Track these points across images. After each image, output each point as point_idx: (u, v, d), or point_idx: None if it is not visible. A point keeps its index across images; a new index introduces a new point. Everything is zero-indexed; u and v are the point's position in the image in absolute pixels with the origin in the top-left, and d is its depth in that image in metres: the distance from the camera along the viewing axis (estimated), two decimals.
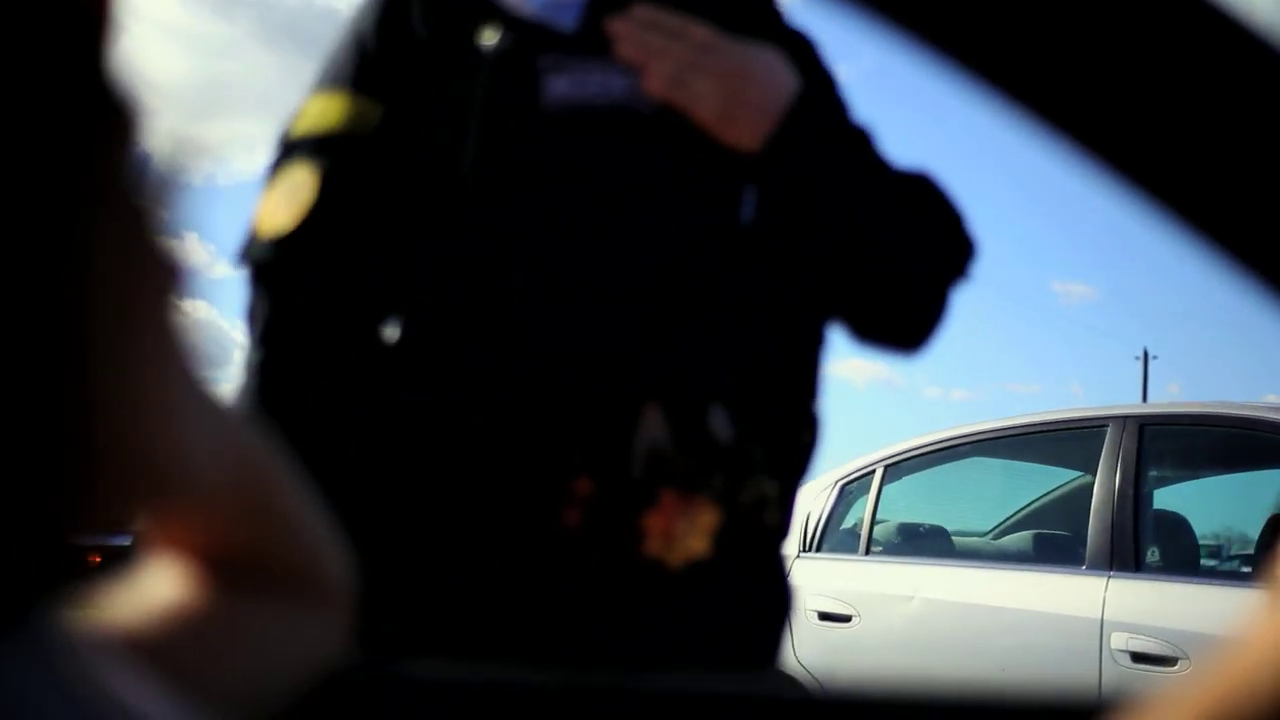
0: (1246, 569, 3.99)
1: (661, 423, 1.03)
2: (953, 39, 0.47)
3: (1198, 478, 4.41)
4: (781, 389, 1.13)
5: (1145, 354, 33.08)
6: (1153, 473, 3.85)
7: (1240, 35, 0.44)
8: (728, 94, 1.08)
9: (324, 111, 1.11)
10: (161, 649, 0.48)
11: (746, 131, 1.09)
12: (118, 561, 0.51)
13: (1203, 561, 3.93)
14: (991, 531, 4.77)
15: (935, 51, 0.47)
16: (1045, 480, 4.71)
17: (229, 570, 0.53)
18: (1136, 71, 0.46)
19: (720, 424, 1.05)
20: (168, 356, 0.38)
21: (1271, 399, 3.78)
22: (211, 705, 0.46)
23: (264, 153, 1.18)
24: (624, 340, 1.05)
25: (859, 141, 1.20)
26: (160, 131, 0.36)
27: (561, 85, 1.07)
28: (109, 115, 0.34)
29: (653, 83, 1.08)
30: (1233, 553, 4.75)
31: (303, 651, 0.56)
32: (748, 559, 1.09)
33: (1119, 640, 3.47)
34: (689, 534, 1.03)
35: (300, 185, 1.08)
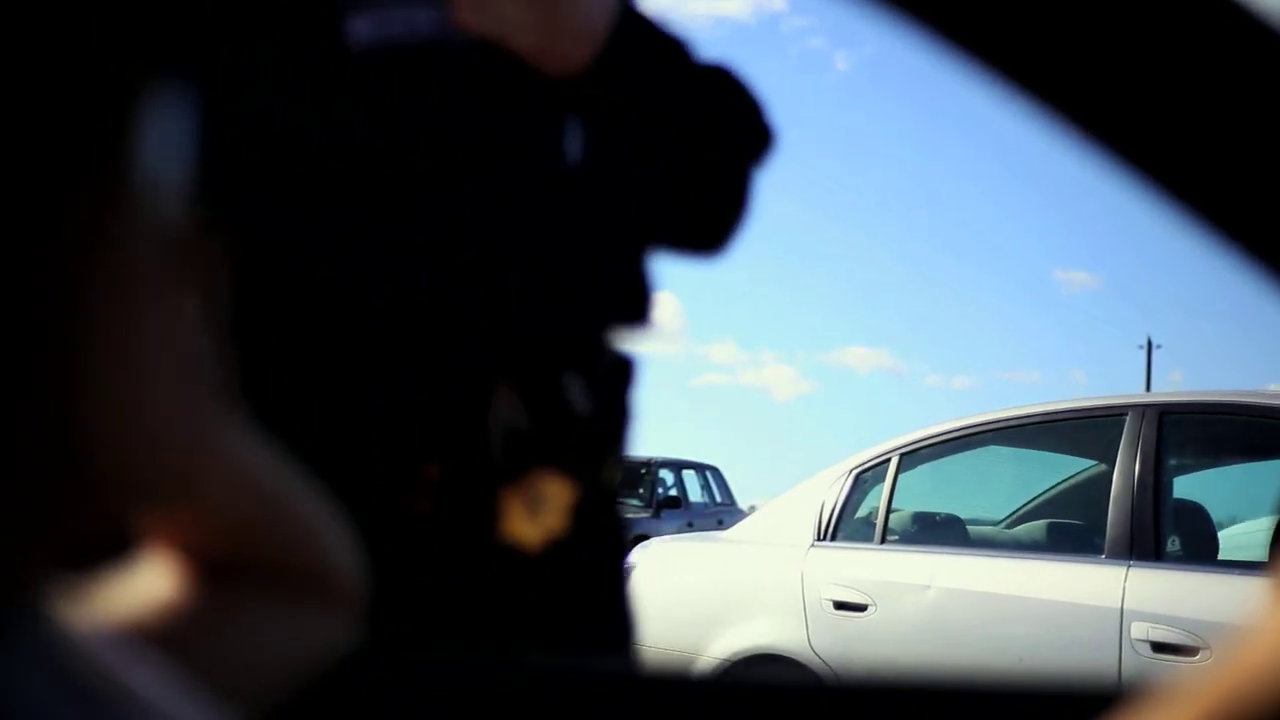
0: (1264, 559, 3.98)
1: (516, 401, 0.98)
2: (953, 23, 0.46)
3: (1217, 466, 4.39)
4: (621, 342, 1.07)
5: (1149, 343, 33.48)
6: (1172, 461, 3.84)
7: (1244, 20, 0.44)
8: (544, 19, 1.00)
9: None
10: (157, 640, 0.48)
11: (567, 59, 1.01)
12: (122, 552, 0.51)
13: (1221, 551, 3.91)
14: (1006, 520, 4.76)
15: (936, 37, 0.46)
16: (1059, 469, 4.70)
17: (228, 566, 0.53)
18: (1138, 54, 0.45)
19: (576, 394, 1.01)
20: (171, 355, 0.37)
21: (1273, 388, 3.77)
22: (210, 697, 0.46)
23: None
24: (466, 313, 0.98)
25: (680, 52, 1.12)
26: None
27: (363, 26, 0.98)
28: (121, 95, 0.33)
29: (462, 12, 0.99)
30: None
31: (306, 646, 0.56)
32: (599, 530, 1.05)
33: (1139, 630, 3.46)
34: (547, 511, 0.99)
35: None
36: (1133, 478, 3.69)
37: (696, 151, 1.09)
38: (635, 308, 1.07)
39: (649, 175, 1.08)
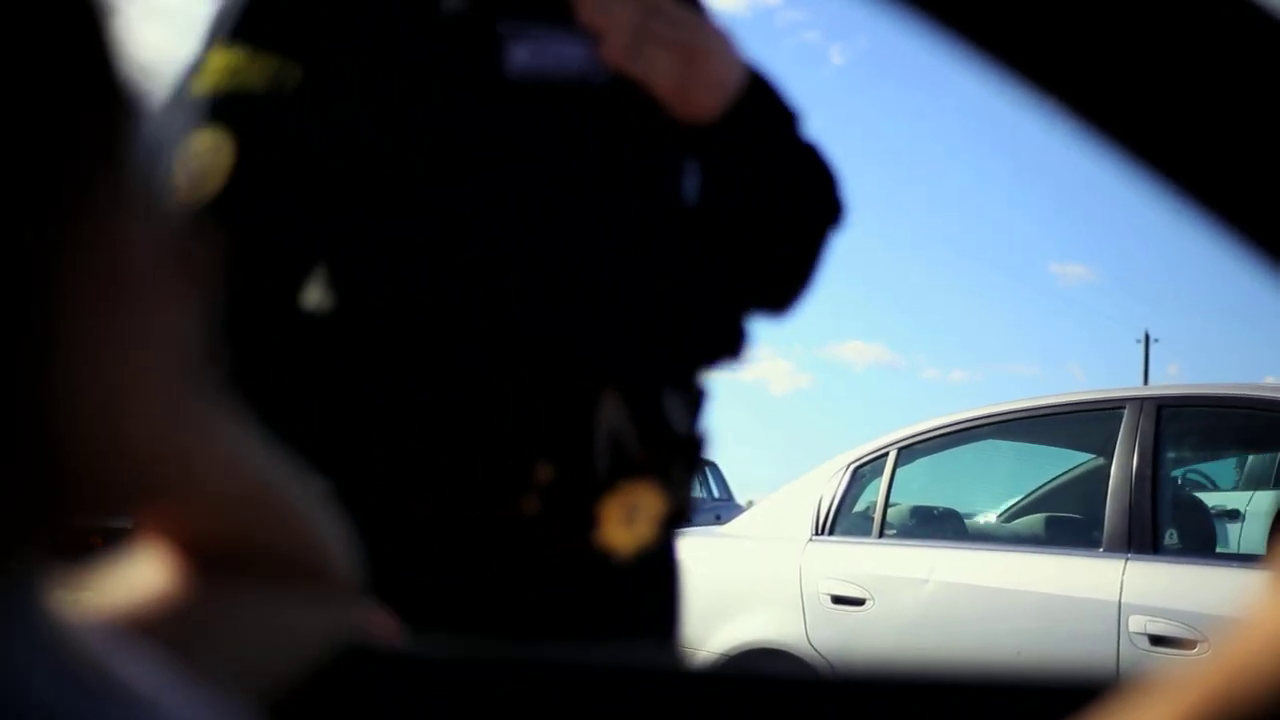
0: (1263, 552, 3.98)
1: (621, 409, 1.02)
2: (949, 9, 0.46)
3: (1215, 460, 4.39)
4: (712, 370, 1.14)
5: (1146, 336, 33.57)
6: (1170, 454, 3.83)
7: (1241, 3, 0.43)
8: (685, 67, 1.06)
9: (231, 68, 0.98)
10: (151, 632, 0.48)
11: (700, 107, 1.07)
12: (118, 543, 0.51)
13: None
14: (1004, 514, 4.76)
15: (932, 24, 0.46)
16: (1057, 463, 4.70)
17: (221, 557, 0.53)
18: (1135, 36, 0.45)
19: (675, 411, 1.06)
20: (162, 353, 0.37)
21: (1271, 381, 3.76)
22: (206, 688, 0.46)
23: None
24: (578, 324, 1.03)
25: (792, 122, 1.20)
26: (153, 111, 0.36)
27: (523, 54, 1.03)
28: (106, 98, 0.33)
29: (611, 51, 1.04)
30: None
31: (302, 636, 0.56)
32: (671, 543, 1.10)
33: (1137, 623, 3.46)
34: (641, 521, 1.03)
35: (218, 148, 0.96)
36: (1131, 471, 3.69)
37: (785, 215, 1.17)
38: (732, 345, 1.15)
39: (749, 228, 1.15)
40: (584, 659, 0.70)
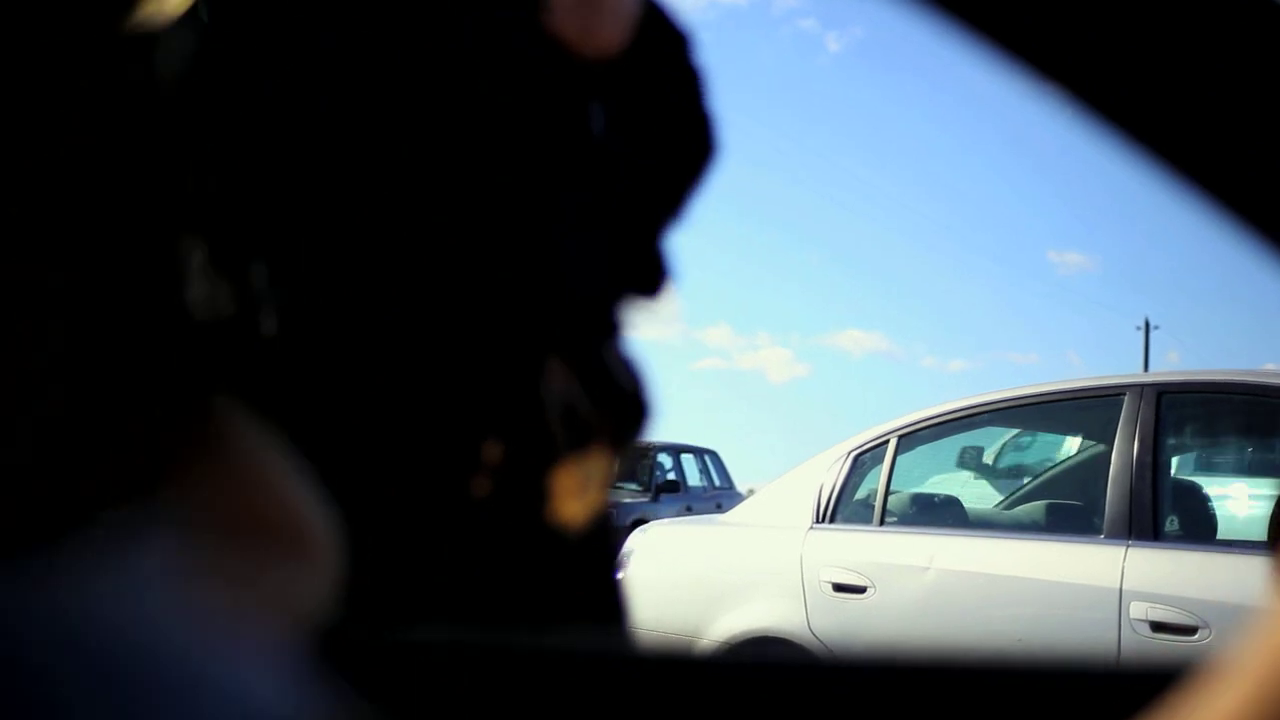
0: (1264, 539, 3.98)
1: (567, 374, 0.98)
2: None
3: (1215, 446, 4.39)
4: (637, 312, 1.08)
5: (1147, 324, 33.53)
6: (1170, 441, 3.83)
7: None
8: (584, 3, 1.02)
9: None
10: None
11: (602, 44, 1.03)
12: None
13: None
14: (1004, 501, 4.76)
15: (930, 8, 0.46)
16: (1058, 450, 4.70)
17: (200, 525, 0.53)
18: (1135, 20, 0.44)
19: (616, 366, 1.02)
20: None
21: (1270, 368, 3.76)
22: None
23: None
24: (511, 295, 0.98)
25: (685, 46, 1.13)
26: None
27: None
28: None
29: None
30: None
31: (279, 606, 0.56)
32: (610, 508, 1.05)
33: (1138, 610, 3.46)
34: (593, 488, 0.99)
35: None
36: (1131, 457, 3.69)
37: (671, 147, 1.11)
38: (652, 280, 1.08)
39: (652, 162, 1.10)
40: (556, 645, 0.69)
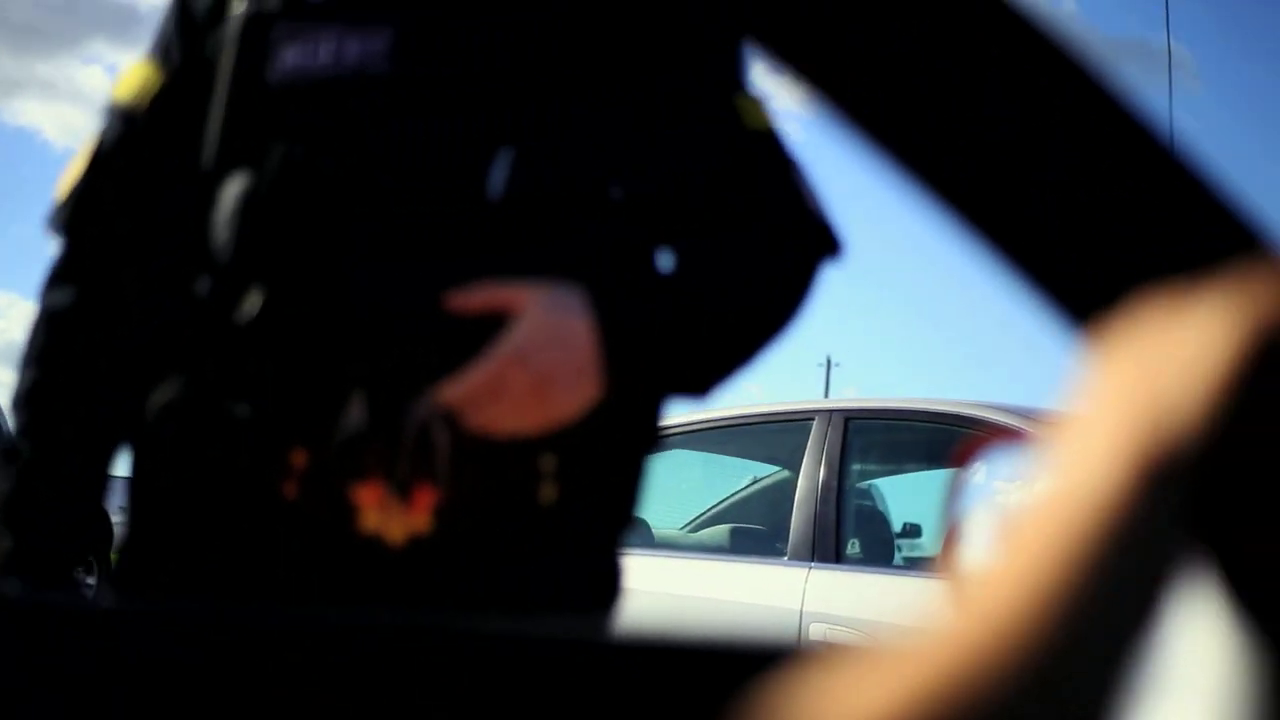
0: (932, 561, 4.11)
1: (363, 408, 1.01)
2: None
3: (900, 472, 4.53)
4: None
5: (828, 360, 36.00)
6: (855, 466, 3.91)
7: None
8: (536, 400, 0.99)
9: (130, 79, 1.14)
10: None
11: (572, 402, 1.00)
12: None
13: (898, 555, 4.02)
14: (689, 524, 4.76)
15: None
16: (745, 475, 4.74)
17: None
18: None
19: (422, 411, 1.01)
20: None
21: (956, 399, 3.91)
22: None
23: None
24: (329, 329, 1.03)
25: None
26: None
27: (290, 56, 1.05)
28: None
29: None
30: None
31: None
32: (498, 538, 1.04)
33: (818, 631, 3.50)
34: (406, 510, 1.00)
35: (83, 152, 1.13)
36: (817, 481, 3.74)
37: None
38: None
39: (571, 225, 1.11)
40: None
